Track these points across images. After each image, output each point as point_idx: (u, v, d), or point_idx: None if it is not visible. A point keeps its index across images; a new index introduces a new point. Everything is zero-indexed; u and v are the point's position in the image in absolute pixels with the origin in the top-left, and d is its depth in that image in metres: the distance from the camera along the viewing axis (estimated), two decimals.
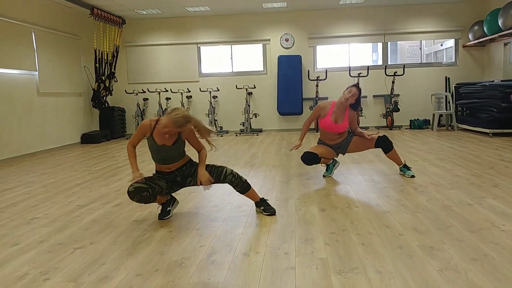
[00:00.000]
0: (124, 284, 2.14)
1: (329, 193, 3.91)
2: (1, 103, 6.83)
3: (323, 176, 4.68)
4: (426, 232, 2.72)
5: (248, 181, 3.30)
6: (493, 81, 8.13)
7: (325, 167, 4.73)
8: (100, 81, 9.55)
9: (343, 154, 4.64)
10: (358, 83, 4.63)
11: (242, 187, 3.22)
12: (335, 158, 4.68)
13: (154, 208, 3.65)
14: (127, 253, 2.58)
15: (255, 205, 3.35)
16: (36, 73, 7.76)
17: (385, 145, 4.42)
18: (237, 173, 3.21)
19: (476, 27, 9.43)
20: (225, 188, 4.18)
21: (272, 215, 3.24)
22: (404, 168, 4.54)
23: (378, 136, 4.42)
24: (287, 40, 10.39)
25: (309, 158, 4.33)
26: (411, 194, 3.71)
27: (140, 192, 2.94)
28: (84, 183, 4.79)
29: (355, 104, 4.40)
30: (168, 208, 3.32)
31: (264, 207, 3.28)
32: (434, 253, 2.37)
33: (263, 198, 3.35)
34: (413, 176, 4.41)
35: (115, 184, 4.70)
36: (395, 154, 4.52)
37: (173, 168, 3.17)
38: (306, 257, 2.39)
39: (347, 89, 4.38)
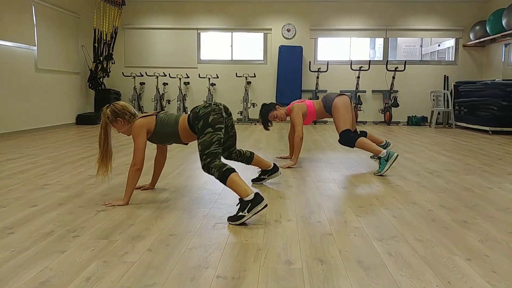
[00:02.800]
0: (160, 242, 2.08)
1: (344, 173, 3.88)
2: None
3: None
4: (455, 209, 2.70)
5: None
6: (494, 80, 8.20)
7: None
8: (98, 61, 9.39)
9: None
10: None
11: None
12: (387, 140, 4.61)
13: (171, 179, 3.59)
14: (154, 216, 2.52)
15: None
16: (35, 48, 7.57)
17: (343, 142, 4.09)
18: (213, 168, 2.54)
19: (477, 27, 9.51)
20: (240, 165, 4.13)
21: (235, 220, 2.38)
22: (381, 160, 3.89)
23: (339, 134, 4.11)
24: (288, 30, 10.34)
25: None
26: (428, 178, 3.69)
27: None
28: (90, 157, 4.69)
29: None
30: (263, 176, 3.38)
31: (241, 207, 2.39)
32: (470, 226, 2.35)
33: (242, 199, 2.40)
34: (381, 175, 3.83)
35: (122, 159, 4.60)
36: (364, 147, 3.96)
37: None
38: (340, 226, 2.35)
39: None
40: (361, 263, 1.84)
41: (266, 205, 2.36)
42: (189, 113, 2.79)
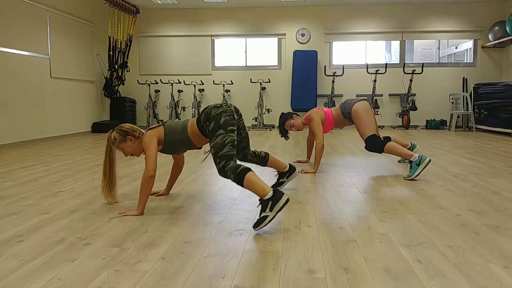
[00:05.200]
0: (174, 250, 1.98)
1: (364, 178, 3.75)
2: (14, 85, 6.65)
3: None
4: (485, 213, 2.55)
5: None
6: None
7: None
8: (113, 69, 9.39)
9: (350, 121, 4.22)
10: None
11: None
12: (412, 143, 4.43)
13: (186, 185, 3.50)
14: (168, 222, 2.42)
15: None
16: (49, 57, 7.57)
17: (370, 148, 3.97)
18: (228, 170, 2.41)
19: (496, 28, 9.29)
20: (258, 169, 4.01)
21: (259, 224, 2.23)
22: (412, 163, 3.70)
23: (365, 140, 3.99)
24: (303, 35, 10.25)
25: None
26: (453, 181, 3.54)
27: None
28: None
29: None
30: (282, 180, 3.25)
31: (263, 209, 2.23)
32: (502, 231, 2.21)
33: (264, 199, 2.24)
34: (411, 179, 3.63)
35: (137, 165, 4.53)
36: (393, 152, 3.83)
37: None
38: (364, 232, 2.22)
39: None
40: (389, 271, 1.71)
41: (288, 200, 2.19)
42: (199, 115, 2.68)
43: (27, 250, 1.99)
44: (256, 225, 2.23)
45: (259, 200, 2.25)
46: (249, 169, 2.34)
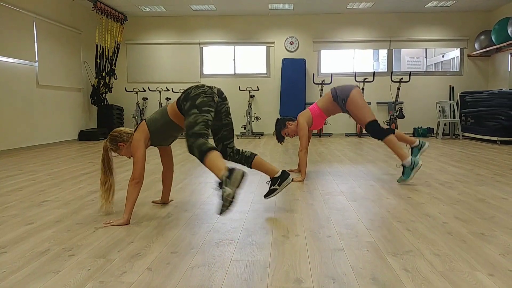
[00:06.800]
0: (161, 261, 1.95)
1: (352, 186, 3.75)
2: (0, 92, 6.58)
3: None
4: (471, 221, 2.57)
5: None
6: (501, 89, 8.08)
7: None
8: (100, 77, 9.34)
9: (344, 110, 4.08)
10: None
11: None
12: (422, 141, 4.15)
13: (174, 194, 3.47)
14: (155, 232, 2.40)
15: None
16: (36, 64, 7.52)
17: (372, 134, 3.88)
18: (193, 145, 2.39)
19: (482, 37, 9.42)
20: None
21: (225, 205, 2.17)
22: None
23: (367, 125, 3.86)
24: (291, 43, 10.29)
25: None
26: (440, 189, 3.56)
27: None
28: (91, 173, 4.58)
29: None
30: (274, 187, 2.90)
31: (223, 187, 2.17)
32: (488, 239, 2.22)
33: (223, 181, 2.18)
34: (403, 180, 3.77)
35: (124, 174, 4.49)
36: (392, 146, 3.78)
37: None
38: (351, 240, 2.22)
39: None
40: (376, 280, 1.71)
41: (244, 173, 2.15)
42: (181, 94, 2.66)
43: (10, 261, 1.95)
44: (220, 207, 2.17)
45: (218, 183, 2.21)
46: (214, 148, 2.33)
